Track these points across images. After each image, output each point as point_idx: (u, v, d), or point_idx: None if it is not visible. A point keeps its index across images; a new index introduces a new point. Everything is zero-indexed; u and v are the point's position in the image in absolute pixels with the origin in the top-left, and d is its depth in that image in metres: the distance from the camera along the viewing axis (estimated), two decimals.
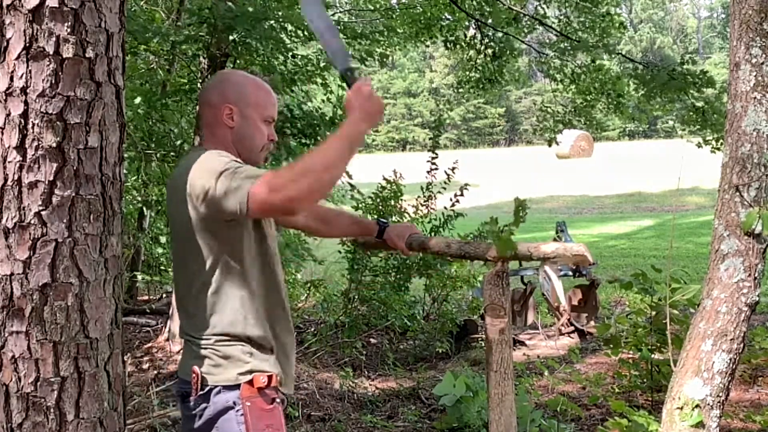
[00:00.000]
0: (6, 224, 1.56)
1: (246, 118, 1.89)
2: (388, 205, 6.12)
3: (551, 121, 9.71)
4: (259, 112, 1.91)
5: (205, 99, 1.95)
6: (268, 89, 1.96)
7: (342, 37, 1.87)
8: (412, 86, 56.82)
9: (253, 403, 1.76)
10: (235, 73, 2.05)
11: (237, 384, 1.77)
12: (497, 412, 2.10)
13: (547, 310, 6.92)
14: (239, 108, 1.89)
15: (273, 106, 1.96)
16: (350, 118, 1.78)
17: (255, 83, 1.95)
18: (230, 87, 1.91)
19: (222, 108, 1.88)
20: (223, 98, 1.89)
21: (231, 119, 1.89)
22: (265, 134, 1.93)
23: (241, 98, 1.89)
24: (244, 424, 1.75)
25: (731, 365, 2.62)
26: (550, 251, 2.01)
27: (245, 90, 1.91)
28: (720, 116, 7.77)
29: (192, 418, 1.82)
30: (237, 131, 1.89)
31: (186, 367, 1.84)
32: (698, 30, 68.27)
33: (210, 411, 1.78)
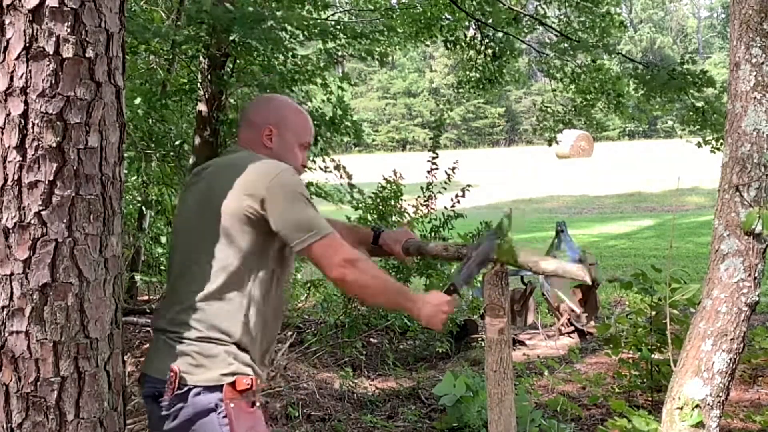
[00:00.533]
0: (6, 224, 1.56)
1: (284, 140, 1.99)
2: (388, 205, 6.12)
3: (551, 121, 9.71)
4: (297, 137, 2.01)
5: (247, 117, 2.04)
6: (307, 117, 2.07)
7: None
8: (412, 86, 56.79)
9: (237, 404, 1.75)
10: (280, 97, 2.18)
11: (219, 385, 1.75)
12: (497, 412, 2.10)
13: (547, 310, 6.92)
14: (279, 131, 1.98)
15: (310, 132, 2.06)
16: (416, 304, 1.93)
17: (296, 109, 2.06)
18: (273, 110, 2.02)
19: (263, 128, 1.97)
20: (264, 119, 1.98)
21: (270, 140, 1.97)
22: (299, 159, 2.02)
23: (282, 122, 1.99)
24: (227, 426, 1.72)
25: (731, 365, 2.62)
26: (550, 269, 2.04)
27: (287, 115, 2.01)
28: (720, 116, 7.77)
29: (164, 419, 1.77)
30: (274, 152, 1.96)
31: (160, 364, 1.79)
32: (698, 30, 68.26)
33: (188, 412, 1.74)
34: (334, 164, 6.43)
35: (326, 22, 6.23)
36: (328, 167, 6.43)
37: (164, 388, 1.76)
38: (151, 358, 1.86)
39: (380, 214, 6.09)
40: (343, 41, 6.23)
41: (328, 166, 6.44)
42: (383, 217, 6.08)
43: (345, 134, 5.99)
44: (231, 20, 4.52)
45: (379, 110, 54.56)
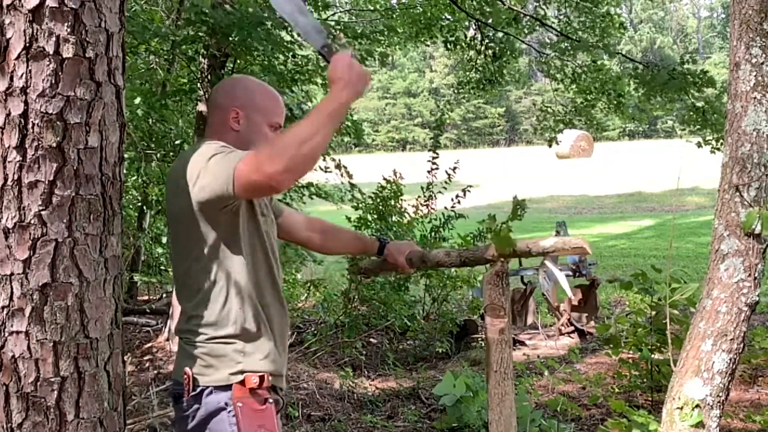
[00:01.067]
0: (6, 224, 1.56)
1: (252, 122, 1.92)
2: (388, 205, 6.13)
3: (551, 121, 9.71)
4: (265, 117, 1.94)
5: (213, 100, 1.98)
6: (277, 96, 1.99)
7: (312, 14, 1.82)
8: (412, 86, 56.79)
9: (245, 403, 1.76)
10: (246, 78, 2.10)
11: (229, 384, 1.77)
12: (497, 412, 2.10)
13: (547, 310, 6.92)
14: (246, 112, 1.92)
15: (280, 113, 1.98)
16: (331, 90, 1.73)
17: (264, 89, 1.98)
18: (239, 91, 1.95)
19: (229, 111, 1.91)
20: (231, 101, 1.93)
21: (237, 122, 1.91)
22: (270, 139, 1.93)
23: (249, 103, 1.93)
24: (236, 425, 1.74)
25: (731, 365, 2.62)
26: (549, 245, 2.00)
27: (253, 95, 1.94)
28: (720, 116, 7.77)
29: (185, 419, 1.82)
30: (242, 134, 1.91)
31: (179, 368, 1.85)
32: (698, 30, 68.25)
33: (202, 412, 1.78)
34: (334, 164, 6.44)
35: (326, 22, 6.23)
36: (328, 167, 6.44)
37: (180, 390, 1.81)
38: (176, 359, 1.92)
39: (380, 214, 6.09)
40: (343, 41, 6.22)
41: (328, 166, 6.44)
42: (383, 217, 6.08)
43: (345, 134, 5.99)
44: (230, 23, 4.51)
45: (379, 110, 54.57)
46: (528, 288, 6.48)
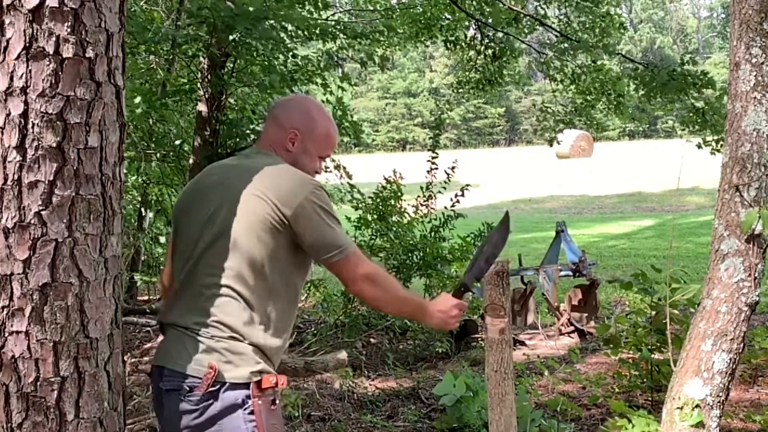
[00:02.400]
0: (6, 224, 1.56)
1: (306, 149, 2.02)
2: (388, 205, 6.13)
3: (551, 121, 9.71)
4: (319, 147, 2.05)
5: (275, 115, 2.06)
6: (335, 132, 2.10)
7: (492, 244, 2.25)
8: (412, 86, 56.78)
9: (263, 401, 1.79)
10: (311, 101, 2.15)
11: (247, 383, 1.78)
12: (497, 412, 2.10)
13: (547, 310, 6.92)
14: (303, 138, 2.01)
15: (334, 145, 2.11)
16: (428, 312, 2.02)
17: (327, 119, 2.08)
18: (304, 116, 2.03)
19: (288, 131, 2.00)
20: (292, 123, 2.01)
21: (292, 144, 2.00)
22: (315, 167, 2.05)
23: (308, 130, 2.02)
24: (253, 423, 1.76)
25: (731, 365, 2.62)
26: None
27: (315, 124, 2.03)
28: (720, 117, 7.77)
29: (187, 413, 1.78)
30: (293, 156, 2.00)
31: (187, 359, 1.79)
32: (698, 30, 68.24)
33: (216, 408, 1.76)
34: (334, 164, 6.44)
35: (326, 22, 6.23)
36: (328, 167, 6.44)
37: (192, 383, 1.77)
38: (170, 351, 1.85)
39: (380, 214, 6.09)
40: (343, 41, 6.24)
41: (328, 166, 6.44)
42: (383, 217, 6.08)
43: (345, 134, 6.00)
44: (233, 17, 4.51)
45: (379, 110, 54.56)
46: (528, 288, 6.48)
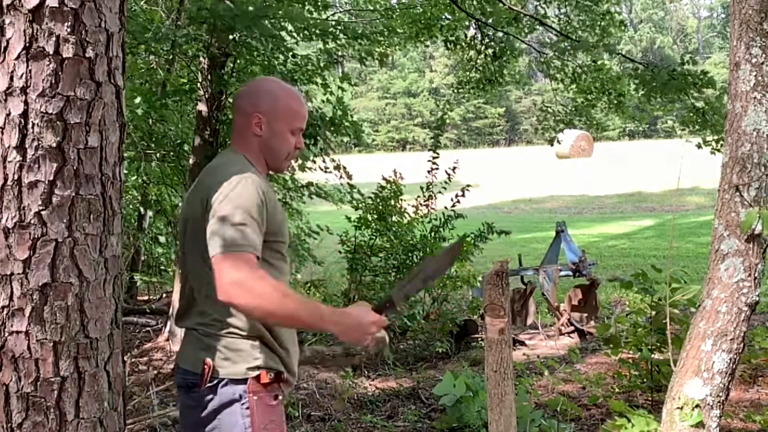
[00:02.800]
0: (6, 224, 1.56)
1: (274, 128, 1.95)
2: (388, 205, 6.13)
3: (551, 121, 9.70)
4: (288, 123, 1.97)
5: (237, 105, 2.01)
6: (300, 100, 2.02)
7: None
8: (412, 86, 56.77)
9: (260, 397, 1.81)
10: (269, 81, 2.09)
11: (244, 378, 1.81)
12: (497, 412, 2.10)
13: (547, 310, 6.92)
14: (268, 118, 1.95)
15: (303, 117, 2.01)
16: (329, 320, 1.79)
17: (287, 94, 2.00)
18: (263, 96, 1.97)
19: (252, 116, 1.95)
20: (254, 106, 1.95)
21: (260, 128, 1.95)
22: (292, 143, 1.99)
23: (272, 109, 1.95)
24: (249, 417, 1.79)
25: (731, 365, 2.62)
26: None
27: (277, 100, 1.97)
28: (720, 117, 7.76)
29: (195, 408, 1.84)
30: (264, 140, 1.96)
31: (191, 357, 1.86)
32: (698, 30, 68.24)
33: (215, 402, 1.81)
34: (334, 164, 6.44)
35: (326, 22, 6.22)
36: (328, 167, 6.44)
37: (194, 379, 1.83)
38: (182, 350, 1.93)
39: (380, 214, 6.09)
40: (343, 41, 6.24)
41: (328, 166, 6.44)
42: (383, 217, 6.08)
43: (345, 134, 6.00)
44: (232, 17, 4.51)
45: (379, 110, 54.56)
46: (528, 288, 6.48)
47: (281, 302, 1.71)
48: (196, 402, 1.84)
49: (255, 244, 1.75)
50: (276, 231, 1.89)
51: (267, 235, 1.85)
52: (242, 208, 1.77)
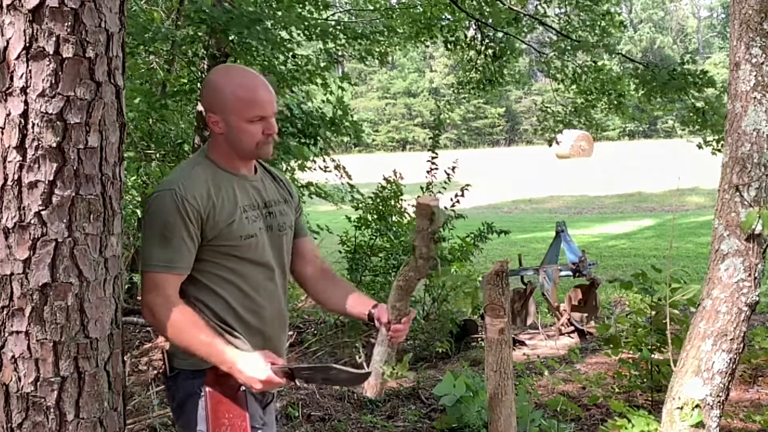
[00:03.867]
0: (6, 224, 1.56)
1: (229, 124, 1.88)
2: (388, 205, 6.13)
3: (551, 121, 9.71)
4: (241, 116, 1.86)
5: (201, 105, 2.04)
6: (249, 88, 1.88)
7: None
8: (412, 86, 56.77)
9: (217, 389, 1.81)
10: (215, 74, 1.96)
11: (202, 370, 1.82)
12: (497, 412, 2.10)
13: (547, 310, 6.92)
14: (221, 116, 1.88)
15: (256, 104, 1.87)
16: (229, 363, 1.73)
17: (233, 86, 1.87)
18: (210, 94, 1.90)
19: (208, 117, 1.90)
20: (207, 107, 1.91)
21: (218, 126, 1.89)
22: (255, 133, 1.88)
23: (221, 106, 1.87)
24: (204, 410, 1.81)
25: (731, 365, 2.62)
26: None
27: (224, 96, 1.87)
28: (720, 117, 7.76)
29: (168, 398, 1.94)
30: (226, 137, 1.90)
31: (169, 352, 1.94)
32: (698, 30, 68.24)
33: (180, 394, 1.86)
34: (334, 164, 6.44)
35: (326, 23, 6.23)
36: (328, 167, 6.44)
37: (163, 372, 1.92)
38: None
39: (380, 214, 6.09)
40: (343, 41, 6.24)
41: (328, 166, 6.44)
42: (383, 217, 6.08)
43: (345, 134, 6.00)
44: (228, 20, 4.52)
45: (379, 110, 54.56)
46: (528, 288, 6.48)
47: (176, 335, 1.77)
48: (166, 393, 1.93)
49: (171, 260, 1.78)
50: (226, 235, 1.84)
51: (215, 240, 1.83)
52: (159, 224, 1.79)
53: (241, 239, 1.87)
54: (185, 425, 1.86)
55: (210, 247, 1.84)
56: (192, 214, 1.79)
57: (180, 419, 1.88)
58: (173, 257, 1.78)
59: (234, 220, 1.86)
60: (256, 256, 1.91)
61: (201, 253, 1.84)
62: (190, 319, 1.76)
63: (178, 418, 1.90)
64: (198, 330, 1.75)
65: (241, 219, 1.88)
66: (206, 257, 1.85)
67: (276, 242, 1.99)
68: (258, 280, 1.93)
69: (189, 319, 1.76)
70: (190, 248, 1.80)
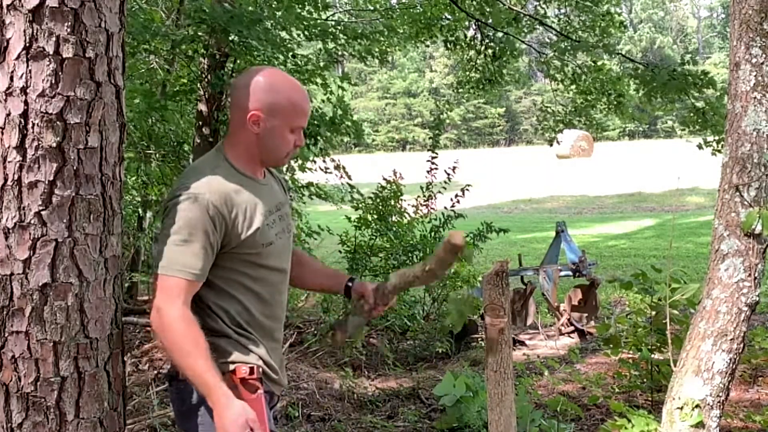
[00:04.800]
0: (6, 224, 1.56)
1: (273, 127, 1.83)
2: (388, 205, 6.13)
3: (551, 121, 9.71)
4: (288, 120, 1.84)
5: (235, 98, 1.87)
6: (303, 95, 1.88)
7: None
8: (412, 86, 56.79)
9: (235, 392, 1.76)
10: (270, 71, 1.90)
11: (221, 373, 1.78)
12: (497, 412, 2.10)
13: (547, 310, 6.92)
14: (267, 116, 1.82)
15: (305, 114, 1.88)
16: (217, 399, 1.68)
17: (289, 87, 1.86)
18: (262, 92, 1.82)
19: (249, 111, 1.81)
20: (252, 102, 1.81)
21: (257, 125, 1.82)
22: (291, 142, 1.87)
23: (272, 107, 1.82)
24: None
25: (731, 365, 2.62)
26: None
27: (278, 96, 1.82)
28: (720, 117, 7.75)
29: (174, 401, 1.88)
30: (261, 138, 1.84)
31: None
32: (698, 30, 68.25)
33: (194, 398, 1.80)
34: (334, 164, 6.44)
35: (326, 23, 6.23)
36: (328, 167, 6.44)
37: (173, 372, 1.85)
38: None
39: (380, 214, 6.09)
40: (343, 41, 6.24)
41: (328, 166, 6.44)
42: (383, 217, 6.08)
43: (345, 134, 6.00)
44: (228, 20, 4.52)
45: (379, 110, 54.58)
46: (528, 288, 6.48)
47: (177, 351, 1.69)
48: (173, 395, 1.87)
49: (191, 266, 1.71)
50: (249, 243, 1.82)
51: (237, 248, 1.80)
52: (184, 227, 1.72)
53: (262, 247, 1.85)
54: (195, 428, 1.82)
55: (231, 254, 1.81)
56: (218, 223, 1.74)
57: (190, 421, 1.82)
58: (194, 264, 1.71)
59: (258, 229, 1.83)
60: (274, 263, 1.91)
61: (222, 259, 1.80)
62: (195, 338, 1.70)
63: (186, 420, 1.84)
64: (199, 352, 1.69)
65: (263, 227, 1.85)
66: (227, 264, 1.82)
67: (287, 245, 1.98)
68: (275, 284, 1.93)
69: (194, 337, 1.69)
70: (209, 257, 1.76)
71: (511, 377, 2.11)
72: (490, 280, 2.11)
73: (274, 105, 1.82)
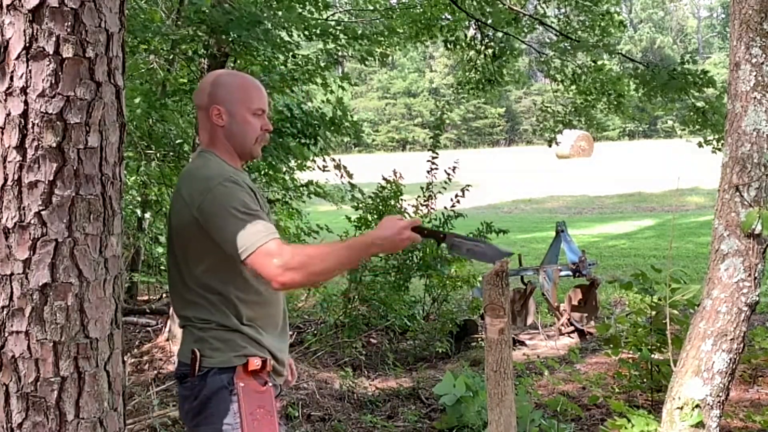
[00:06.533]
0: (6, 224, 1.56)
1: (234, 115, 1.96)
2: (388, 205, 6.13)
3: (551, 121, 9.70)
4: (245, 105, 1.97)
5: (196, 102, 2.03)
6: (254, 83, 2.02)
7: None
8: (412, 86, 56.78)
9: (247, 384, 1.85)
10: (221, 73, 2.12)
11: (232, 366, 1.86)
12: (497, 412, 2.10)
13: (547, 310, 6.92)
14: (226, 107, 1.96)
15: (260, 98, 2.00)
16: (375, 243, 1.84)
17: (239, 80, 2.02)
18: (216, 88, 1.98)
19: (211, 109, 1.96)
20: (210, 99, 1.97)
21: (220, 118, 1.96)
22: (257, 126, 1.99)
23: (227, 97, 1.96)
24: (236, 404, 1.84)
25: (731, 365, 2.62)
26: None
27: (230, 88, 1.98)
28: (720, 116, 7.75)
29: (188, 398, 1.90)
30: (227, 129, 1.96)
31: (185, 350, 1.92)
32: (698, 30, 68.25)
33: (206, 391, 1.86)
34: (334, 164, 6.44)
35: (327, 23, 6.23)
36: (327, 167, 6.44)
37: (186, 370, 1.89)
38: (181, 344, 1.99)
39: (380, 214, 6.09)
40: (343, 42, 6.24)
41: (328, 166, 6.44)
42: (383, 217, 6.08)
43: (345, 134, 6.00)
44: (228, 22, 4.52)
45: (379, 110, 54.57)
46: (528, 288, 6.48)
47: (326, 262, 1.78)
48: (188, 392, 1.90)
49: (270, 229, 1.79)
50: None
51: None
52: (238, 207, 1.80)
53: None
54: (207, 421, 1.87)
55: None
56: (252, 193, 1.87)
57: (200, 415, 1.88)
58: (267, 226, 1.79)
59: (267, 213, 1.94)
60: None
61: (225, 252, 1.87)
62: (315, 247, 1.83)
63: (196, 415, 1.89)
64: (331, 248, 1.82)
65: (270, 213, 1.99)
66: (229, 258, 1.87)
67: None
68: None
69: (314, 248, 1.83)
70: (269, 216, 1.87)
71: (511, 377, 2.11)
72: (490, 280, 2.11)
73: (226, 94, 1.97)
